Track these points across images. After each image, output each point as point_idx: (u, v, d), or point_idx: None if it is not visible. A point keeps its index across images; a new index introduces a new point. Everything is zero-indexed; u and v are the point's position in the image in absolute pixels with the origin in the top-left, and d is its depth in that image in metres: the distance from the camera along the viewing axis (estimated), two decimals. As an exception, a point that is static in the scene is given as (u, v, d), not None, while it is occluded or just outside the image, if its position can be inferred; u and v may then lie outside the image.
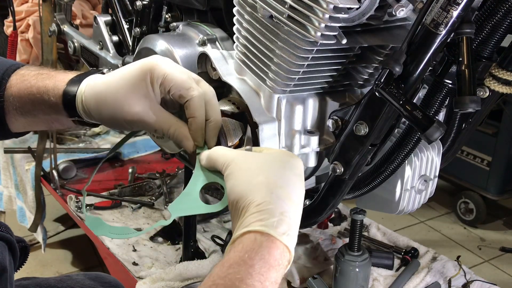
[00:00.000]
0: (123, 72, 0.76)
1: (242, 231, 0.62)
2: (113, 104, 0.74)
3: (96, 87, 0.76)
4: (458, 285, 1.53)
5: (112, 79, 0.75)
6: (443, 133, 0.83)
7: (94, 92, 0.75)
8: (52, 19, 2.06)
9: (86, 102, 0.75)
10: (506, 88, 0.93)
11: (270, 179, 0.66)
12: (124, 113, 0.73)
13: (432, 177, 1.15)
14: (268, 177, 0.67)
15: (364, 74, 1.02)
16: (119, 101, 0.73)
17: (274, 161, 0.70)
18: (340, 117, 0.99)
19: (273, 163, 0.70)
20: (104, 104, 0.74)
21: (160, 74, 0.74)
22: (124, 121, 0.74)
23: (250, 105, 1.01)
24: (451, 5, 0.79)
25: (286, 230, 0.63)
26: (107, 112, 0.74)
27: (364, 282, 1.41)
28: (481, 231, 2.72)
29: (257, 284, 0.59)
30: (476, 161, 2.64)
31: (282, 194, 0.65)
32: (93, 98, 0.75)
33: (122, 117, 0.74)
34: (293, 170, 0.70)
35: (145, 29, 1.50)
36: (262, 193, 0.65)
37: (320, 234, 1.76)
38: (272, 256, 0.61)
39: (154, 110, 0.74)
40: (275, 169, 0.69)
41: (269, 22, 0.94)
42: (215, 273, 0.61)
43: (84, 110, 0.76)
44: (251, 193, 0.65)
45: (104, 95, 0.74)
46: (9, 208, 2.41)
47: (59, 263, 2.37)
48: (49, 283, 0.96)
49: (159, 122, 0.74)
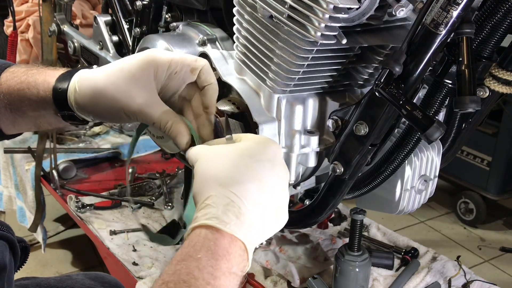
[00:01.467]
0: (121, 64, 0.74)
1: (189, 228, 0.62)
2: (112, 95, 0.72)
3: (93, 78, 0.74)
4: (458, 285, 1.53)
5: (110, 70, 0.74)
6: (443, 133, 0.83)
7: (90, 84, 0.74)
8: (52, 19, 2.06)
9: (80, 93, 0.74)
10: (506, 88, 0.93)
11: (222, 172, 0.64)
12: (124, 104, 0.72)
13: (432, 177, 1.15)
14: (221, 170, 0.64)
15: (364, 74, 1.02)
16: (119, 92, 0.72)
17: (238, 152, 0.67)
18: (340, 117, 0.99)
19: (236, 154, 0.67)
20: (101, 95, 0.72)
21: (165, 60, 0.74)
22: (124, 112, 0.72)
23: (250, 105, 1.01)
24: (451, 5, 0.79)
25: (233, 219, 0.61)
26: (104, 103, 0.73)
27: (364, 282, 1.41)
28: (481, 231, 2.72)
29: (206, 276, 0.58)
30: (476, 161, 2.64)
31: (231, 185, 0.63)
32: (89, 89, 0.73)
33: (122, 108, 0.72)
34: (258, 157, 0.66)
35: (145, 29, 1.50)
36: (209, 188, 0.63)
37: (320, 234, 1.76)
38: (219, 246, 0.59)
39: (155, 102, 0.73)
40: (236, 160, 0.66)
41: (269, 22, 0.94)
42: (164, 271, 0.60)
43: (76, 102, 0.74)
44: (202, 190, 0.64)
45: (102, 86, 0.73)
46: (9, 208, 2.41)
47: (59, 263, 2.36)
48: (49, 283, 0.96)
49: (159, 115, 0.73)
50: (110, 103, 0.72)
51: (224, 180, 0.63)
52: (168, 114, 0.74)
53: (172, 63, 0.74)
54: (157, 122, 0.73)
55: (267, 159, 0.67)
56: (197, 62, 0.76)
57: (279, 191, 0.67)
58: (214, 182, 0.64)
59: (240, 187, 0.63)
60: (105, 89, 0.72)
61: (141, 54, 0.74)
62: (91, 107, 0.74)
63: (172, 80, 0.75)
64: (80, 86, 0.74)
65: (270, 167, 0.66)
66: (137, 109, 0.72)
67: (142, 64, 0.73)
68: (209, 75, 0.77)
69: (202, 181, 0.65)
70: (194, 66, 0.75)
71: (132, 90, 0.72)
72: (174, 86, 0.76)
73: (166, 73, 0.74)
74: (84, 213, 1.92)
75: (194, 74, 0.76)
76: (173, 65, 0.74)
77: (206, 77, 0.77)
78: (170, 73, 0.74)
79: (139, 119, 0.73)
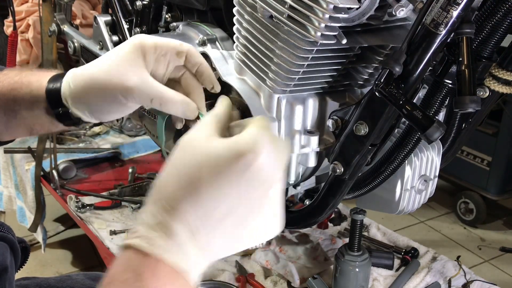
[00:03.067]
0: (111, 52, 0.75)
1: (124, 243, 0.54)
2: (105, 79, 0.71)
3: (85, 70, 0.74)
4: (458, 285, 1.53)
5: (101, 60, 0.74)
6: (443, 133, 0.83)
7: (83, 76, 0.74)
8: (52, 19, 2.06)
9: (74, 86, 0.74)
10: (506, 88, 0.93)
11: (164, 184, 0.54)
12: (118, 84, 0.71)
13: (432, 177, 1.15)
14: (166, 180, 0.54)
15: (364, 74, 1.02)
16: (112, 75, 0.71)
17: (203, 157, 0.54)
18: (340, 117, 0.99)
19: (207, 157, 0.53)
20: (95, 82, 0.72)
21: (150, 43, 0.74)
22: (120, 93, 0.71)
23: (250, 105, 1.01)
24: (451, 5, 0.79)
25: (161, 240, 0.51)
26: (98, 89, 0.72)
27: (364, 282, 1.41)
28: (481, 231, 2.72)
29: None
30: (476, 161, 2.64)
31: (167, 201, 0.52)
32: (82, 80, 0.73)
33: (116, 89, 0.71)
34: (216, 169, 0.52)
35: (145, 29, 1.50)
36: (149, 202, 0.55)
37: (320, 234, 1.76)
38: (144, 268, 0.50)
39: (149, 79, 0.72)
40: (190, 170, 0.53)
41: (269, 22, 0.94)
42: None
43: (71, 95, 0.73)
44: (147, 201, 0.55)
45: (95, 74, 0.72)
46: (9, 208, 2.41)
47: (59, 263, 2.36)
48: (49, 283, 0.96)
49: (156, 90, 0.71)
50: (104, 87, 0.71)
51: (162, 196, 0.53)
52: (165, 88, 0.73)
53: (157, 45, 0.74)
54: (156, 97, 0.71)
55: (236, 171, 0.52)
56: (182, 45, 0.76)
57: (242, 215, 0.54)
58: (157, 191, 0.55)
59: (179, 207, 0.52)
60: (98, 75, 0.72)
61: (128, 40, 0.75)
62: (85, 97, 0.73)
63: (160, 63, 0.75)
64: (74, 80, 0.74)
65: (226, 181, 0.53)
66: (133, 85, 0.71)
67: (130, 48, 0.73)
68: (197, 57, 0.77)
69: (154, 188, 0.56)
70: (180, 49, 0.75)
71: (124, 70, 0.71)
72: (162, 69, 0.76)
73: (154, 55, 0.74)
74: (84, 213, 1.92)
75: (181, 57, 0.76)
76: (158, 48, 0.74)
77: (194, 59, 0.76)
78: (157, 55, 0.74)
79: (136, 97, 0.71)
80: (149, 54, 0.73)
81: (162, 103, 0.71)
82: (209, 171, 0.52)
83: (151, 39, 0.74)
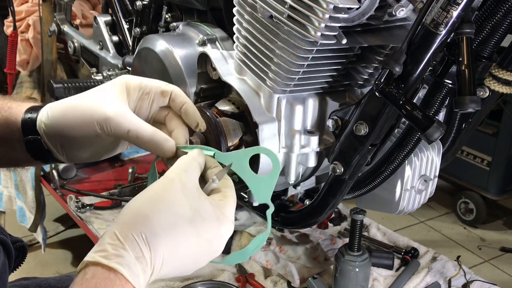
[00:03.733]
0: (96, 88, 0.73)
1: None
2: (84, 105, 0.69)
3: (66, 99, 0.73)
4: (458, 285, 1.53)
5: (84, 92, 0.73)
6: (443, 133, 0.83)
7: (62, 103, 0.72)
8: (52, 19, 2.06)
9: (51, 113, 0.71)
10: (506, 88, 0.93)
11: (146, 213, 0.59)
12: (97, 110, 0.68)
13: (432, 177, 1.15)
14: (149, 210, 0.59)
15: (364, 74, 1.02)
16: (92, 103, 0.69)
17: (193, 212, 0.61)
18: (340, 117, 0.99)
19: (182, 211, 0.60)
20: (73, 108, 0.70)
21: (135, 82, 0.73)
22: (96, 119, 0.68)
23: (250, 105, 1.01)
24: (451, 5, 0.79)
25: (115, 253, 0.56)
26: (75, 115, 0.69)
27: (364, 282, 1.41)
28: (481, 231, 2.72)
29: None
30: (476, 161, 2.64)
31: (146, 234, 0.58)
32: (61, 107, 0.71)
33: (93, 114, 0.68)
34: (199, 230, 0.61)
35: (145, 29, 1.50)
36: (125, 222, 0.59)
37: (320, 234, 1.76)
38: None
39: (129, 112, 0.70)
40: (175, 216, 0.60)
41: (269, 22, 0.94)
42: None
43: (47, 121, 0.71)
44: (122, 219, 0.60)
45: (75, 102, 0.71)
46: (9, 208, 2.40)
47: (59, 263, 2.36)
48: (49, 283, 0.96)
49: (134, 122, 0.69)
50: (81, 112, 0.69)
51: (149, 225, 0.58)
52: (144, 123, 0.70)
53: (142, 84, 0.73)
54: (132, 130, 0.69)
55: (207, 237, 0.61)
56: (167, 85, 0.75)
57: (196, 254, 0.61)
58: (138, 218, 0.59)
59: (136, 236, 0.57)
60: (78, 102, 0.71)
61: (114, 80, 0.74)
62: (61, 124, 0.70)
63: (144, 101, 0.74)
64: (52, 108, 0.72)
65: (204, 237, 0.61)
66: (111, 114, 0.68)
67: (115, 85, 0.72)
68: (182, 96, 0.74)
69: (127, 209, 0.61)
70: (164, 89, 0.74)
71: (105, 100, 0.70)
72: (146, 108, 0.75)
73: (138, 93, 0.73)
74: (84, 213, 1.92)
75: (165, 97, 0.74)
76: (143, 86, 0.73)
77: (179, 99, 0.74)
78: (142, 93, 0.73)
79: (112, 127, 0.69)
80: (133, 92, 0.73)
81: (138, 136, 0.69)
82: (195, 230, 0.60)
83: (137, 78, 0.74)
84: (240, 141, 1.04)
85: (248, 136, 1.04)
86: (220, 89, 1.13)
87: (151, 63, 1.25)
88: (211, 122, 1.02)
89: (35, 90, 2.40)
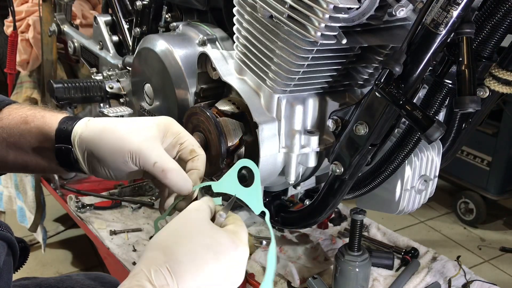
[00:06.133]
0: (139, 117, 0.76)
1: None
2: (121, 133, 0.72)
3: (108, 118, 0.76)
4: (458, 285, 1.53)
5: (127, 118, 0.76)
6: (443, 133, 0.83)
7: (102, 122, 0.74)
8: (52, 19, 2.06)
9: (89, 128, 0.74)
10: (506, 88, 0.93)
11: (172, 248, 0.63)
12: (130, 143, 0.72)
13: (432, 177, 1.15)
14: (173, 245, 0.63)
15: (364, 74, 1.02)
16: (131, 131, 0.72)
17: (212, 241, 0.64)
18: (340, 117, 0.99)
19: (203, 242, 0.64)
20: (111, 131, 0.73)
21: (177, 129, 0.76)
22: (128, 151, 0.72)
23: (250, 105, 1.01)
24: (451, 5, 0.79)
25: None
26: (110, 138, 0.72)
27: (364, 282, 1.41)
28: (481, 231, 2.72)
29: None
30: (476, 161, 2.64)
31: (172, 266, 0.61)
32: (100, 125, 0.74)
33: (126, 147, 0.72)
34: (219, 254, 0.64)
35: (145, 29, 1.50)
36: (151, 258, 0.62)
37: (320, 234, 1.76)
38: None
39: (160, 147, 0.74)
40: (197, 248, 0.63)
41: (269, 22, 0.94)
42: None
43: (82, 136, 0.73)
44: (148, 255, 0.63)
45: (113, 125, 0.73)
46: (9, 208, 2.41)
47: (59, 263, 2.36)
48: (49, 283, 0.96)
49: (162, 157, 0.72)
50: (117, 139, 0.72)
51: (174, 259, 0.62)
52: (171, 158, 0.74)
53: (181, 134, 0.76)
54: (160, 161, 0.72)
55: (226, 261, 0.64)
56: (198, 148, 0.77)
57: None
58: (163, 252, 0.62)
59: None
60: (116, 127, 0.73)
61: (159, 117, 0.77)
62: (95, 142, 0.73)
63: (174, 150, 0.77)
64: (92, 122, 0.75)
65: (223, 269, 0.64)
66: (142, 148, 0.72)
67: (157, 122, 0.75)
68: (203, 165, 0.77)
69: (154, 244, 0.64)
70: (196, 150, 0.77)
71: (140, 132, 0.73)
72: (173, 153, 0.77)
73: (173, 140, 0.76)
74: (84, 213, 1.92)
75: (191, 155, 0.77)
76: (181, 137, 0.76)
77: (197, 163, 0.77)
78: (176, 141, 0.76)
79: (141, 159, 0.72)
80: (170, 136, 0.76)
81: (164, 169, 0.72)
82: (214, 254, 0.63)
83: (178, 127, 0.77)
84: (240, 141, 1.04)
85: (248, 136, 1.04)
86: (220, 89, 1.13)
87: (151, 63, 1.25)
88: (211, 122, 1.02)
89: (35, 90, 2.40)
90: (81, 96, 1.57)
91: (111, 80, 1.57)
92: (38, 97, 2.35)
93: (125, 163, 0.72)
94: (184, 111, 1.13)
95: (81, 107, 2.45)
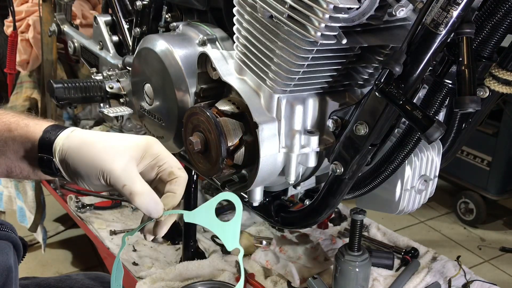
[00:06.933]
0: (122, 135, 0.76)
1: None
2: (97, 149, 0.72)
3: (87, 132, 0.76)
4: (458, 285, 1.53)
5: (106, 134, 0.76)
6: (443, 133, 0.83)
7: (81, 135, 0.74)
8: (52, 19, 2.06)
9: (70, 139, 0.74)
10: (506, 88, 0.93)
11: None
12: (103, 162, 0.71)
13: (432, 177, 1.15)
14: None
15: (364, 74, 1.02)
16: (104, 150, 0.72)
17: None
18: (340, 117, 0.99)
19: None
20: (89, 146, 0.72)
21: (156, 150, 0.75)
22: (100, 170, 0.71)
23: (250, 105, 1.01)
24: (451, 5, 0.79)
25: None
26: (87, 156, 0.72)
27: (364, 282, 1.41)
28: (481, 231, 2.72)
29: None
30: (476, 161, 2.64)
31: None
32: (79, 139, 0.74)
33: (98, 166, 0.71)
34: None
35: (145, 29, 1.50)
36: None
37: (320, 234, 1.76)
38: None
39: (133, 169, 0.73)
40: None
41: (269, 22, 0.94)
42: None
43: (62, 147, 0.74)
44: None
45: (93, 140, 0.73)
46: (9, 208, 2.41)
47: (59, 263, 2.36)
48: (49, 283, 0.96)
49: (133, 177, 0.72)
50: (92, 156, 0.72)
51: None
52: (142, 180, 0.73)
53: (161, 156, 0.75)
54: (129, 183, 0.71)
55: None
56: (178, 170, 0.76)
57: None
58: None
59: None
60: (93, 143, 0.73)
61: (143, 136, 0.76)
62: (73, 156, 0.73)
63: (153, 171, 0.76)
64: (72, 135, 0.74)
65: None
66: (113, 169, 0.71)
67: (137, 140, 0.74)
68: (181, 188, 0.76)
69: None
70: (174, 172, 0.75)
71: (116, 152, 0.72)
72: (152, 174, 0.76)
73: (151, 162, 0.75)
74: (84, 213, 1.92)
75: (170, 177, 0.76)
76: (160, 159, 0.75)
77: (175, 186, 0.76)
78: (155, 163, 0.75)
79: (111, 180, 0.72)
80: (148, 158, 0.74)
81: (132, 192, 0.71)
82: None
83: (158, 149, 0.75)
84: (240, 141, 1.04)
85: (248, 136, 1.04)
86: (220, 89, 1.13)
87: (151, 63, 1.25)
88: (211, 122, 1.02)
89: (35, 90, 2.40)
90: (81, 96, 1.57)
91: (111, 80, 1.57)
92: (38, 97, 2.35)
93: (98, 179, 0.72)
94: (184, 111, 1.13)
95: (81, 107, 2.45)
